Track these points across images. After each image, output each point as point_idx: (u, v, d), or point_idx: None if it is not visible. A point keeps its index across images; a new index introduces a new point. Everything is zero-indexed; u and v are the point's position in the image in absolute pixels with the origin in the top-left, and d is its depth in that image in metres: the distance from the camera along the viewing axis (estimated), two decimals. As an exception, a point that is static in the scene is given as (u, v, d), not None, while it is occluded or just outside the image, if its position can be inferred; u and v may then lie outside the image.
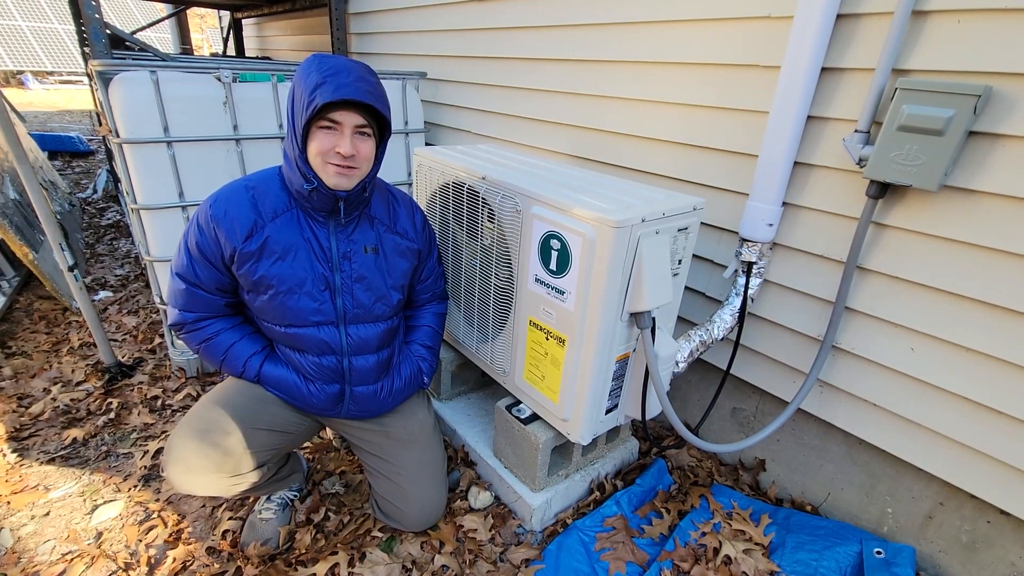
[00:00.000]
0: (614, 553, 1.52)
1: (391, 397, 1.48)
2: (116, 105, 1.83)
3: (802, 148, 1.45)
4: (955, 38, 1.17)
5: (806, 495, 1.75)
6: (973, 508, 1.41)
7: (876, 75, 1.26)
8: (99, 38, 2.19)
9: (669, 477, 1.82)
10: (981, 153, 1.18)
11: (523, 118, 2.34)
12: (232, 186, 1.27)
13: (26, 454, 1.86)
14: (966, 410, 1.32)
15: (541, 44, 2.16)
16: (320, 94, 1.08)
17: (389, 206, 1.39)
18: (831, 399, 1.58)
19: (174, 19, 4.77)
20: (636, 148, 1.90)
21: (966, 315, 1.28)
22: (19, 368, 2.31)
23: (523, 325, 1.51)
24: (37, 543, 1.54)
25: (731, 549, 1.51)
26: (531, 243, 1.39)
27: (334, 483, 1.76)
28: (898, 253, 1.36)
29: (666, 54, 1.73)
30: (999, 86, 1.13)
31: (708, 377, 1.96)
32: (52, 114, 9.08)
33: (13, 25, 12.06)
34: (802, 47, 1.34)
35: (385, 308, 1.38)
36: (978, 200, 1.21)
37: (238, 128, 2.05)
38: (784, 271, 1.59)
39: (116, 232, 3.98)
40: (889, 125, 1.22)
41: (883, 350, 1.43)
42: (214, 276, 1.27)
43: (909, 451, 1.46)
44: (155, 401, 2.14)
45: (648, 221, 1.25)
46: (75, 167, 5.79)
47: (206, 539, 1.56)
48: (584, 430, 1.47)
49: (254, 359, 1.37)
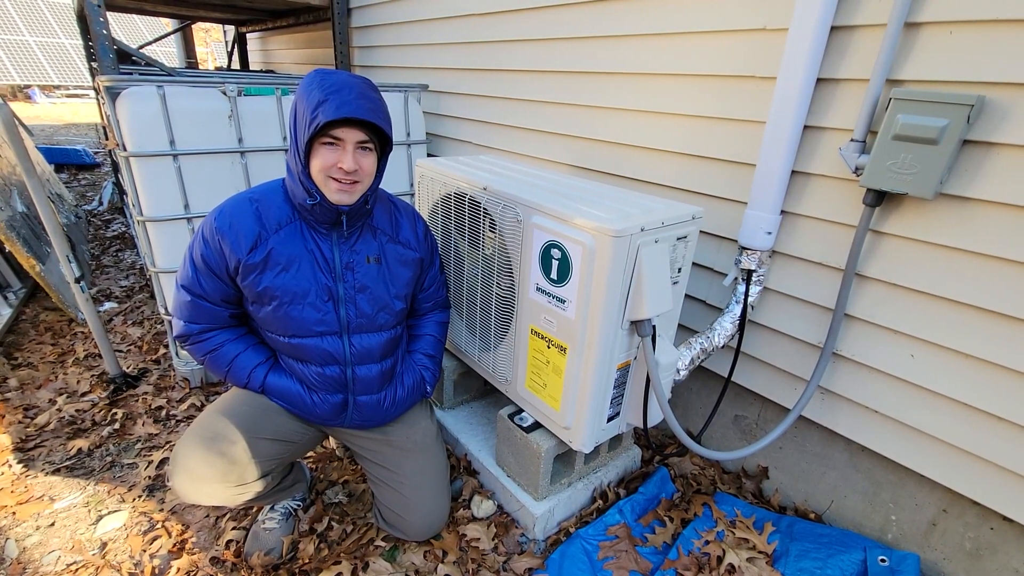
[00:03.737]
0: (617, 562, 1.52)
1: (394, 406, 1.49)
2: (123, 119, 1.86)
3: (799, 157, 1.47)
4: (948, 49, 1.19)
5: (809, 503, 1.75)
6: (976, 515, 1.41)
7: (871, 85, 1.28)
8: (107, 53, 2.23)
9: (672, 485, 1.82)
10: (976, 161, 1.19)
11: (524, 129, 2.36)
12: (236, 199, 1.29)
13: (32, 465, 1.87)
14: (967, 416, 1.33)
15: (541, 56, 2.19)
16: (323, 112, 1.09)
17: (391, 216, 1.41)
18: (832, 406, 1.58)
19: (179, 34, 4.85)
20: (635, 158, 1.92)
21: (964, 321, 1.29)
22: (25, 379, 2.33)
23: (524, 334, 1.53)
24: (42, 553, 1.54)
25: (735, 558, 1.51)
26: (532, 252, 1.41)
27: (337, 492, 1.77)
28: (896, 260, 1.37)
29: (664, 66, 1.75)
30: (992, 95, 1.15)
31: (709, 385, 1.96)
32: (59, 127, 9.19)
33: (21, 40, 12.24)
34: (797, 58, 1.36)
35: (388, 317, 1.39)
36: (974, 208, 1.22)
37: (243, 141, 2.08)
38: (784, 279, 1.60)
39: (121, 244, 4.01)
40: (884, 134, 1.24)
41: (883, 357, 1.44)
42: (219, 288, 1.29)
43: (911, 458, 1.46)
44: (159, 411, 2.15)
45: (647, 230, 1.27)
46: (81, 180, 5.85)
47: (210, 549, 1.56)
48: (586, 438, 1.48)
49: (259, 370, 1.38)
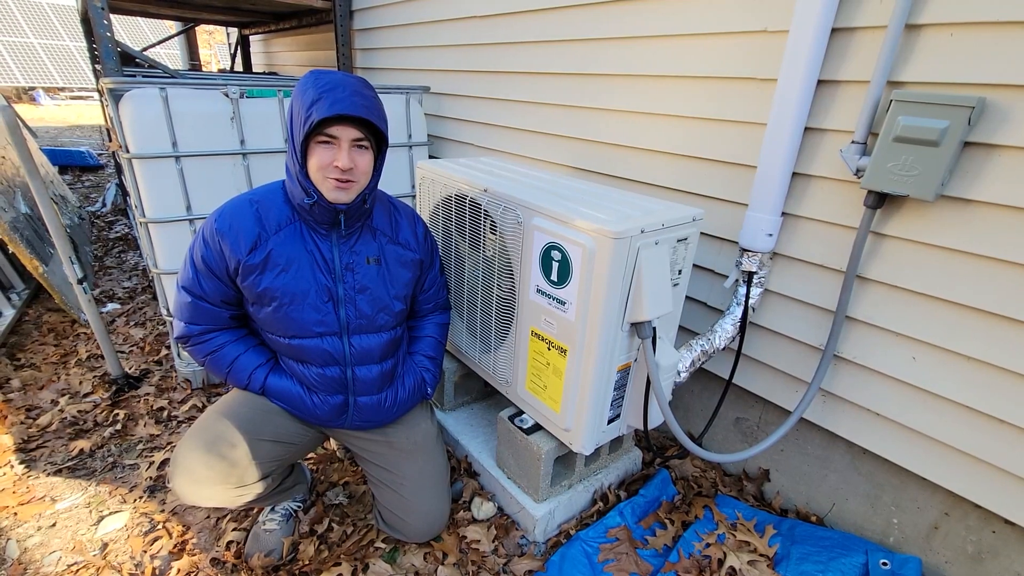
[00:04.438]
0: (618, 564, 1.51)
1: (395, 408, 1.49)
2: (126, 121, 1.87)
3: (800, 159, 1.47)
4: (948, 51, 1.19)
5: (811, 505, 1.74)
6: (978, 518, 1.40)
7: (871, 87, 1.27)
8: (110, 56, 2.24)
9: (673, 487, 1.81)
10: (977, 163, 1.19)
11: (524, 131, 2.36)
12: (236, 200, 1.30)
13: (33, 465, 1.87)
14: (969, 419, 1.32)
15: (542, 58, 2.19)
16: (316, 110, 1.10)
17: (391, 217, 1.42)
18: (834, 408, 1.58)
19: (183, 36, 4.87)
20: (636, 160, 1.92)
21: (966, 324, 1.28)
22: (28, 380, 2.34)
23: (525, 335, 1.53)
24: (43, 554, 1.55)
25: (736, 560, 1.50)
26: (532, 254, 1.41)
27: (337, 494, 1.77)
28: (897, 262, 1.37)
29: (665, 67, 1.75)
30: (993, 97, 1.14)
31: (710, 387, 1.96)
32: (63, 129, 9.23)
33: (25, 42, 12.30)
34: (798, 60, 1.36)
35: (388, 318, 1.39)
36: (975, 209, 1.22)
37: (245, 143, 2.09)
38: (784, 281, 1.60)
39: (124, 245, 4.03)
40: (885, 136, 1.24)
41: (885, 359, 1.43)
42: (219, 289, 1.30)
43: (913, 461, 1.45)
44: (161, 412, 2.15)
45: (647, 232, 1.27)
46: (85, 181, 5.87)
47: (210, 550, 1.56)
48: (586, 440, 1.48)
49: (259, 371, 1.39)
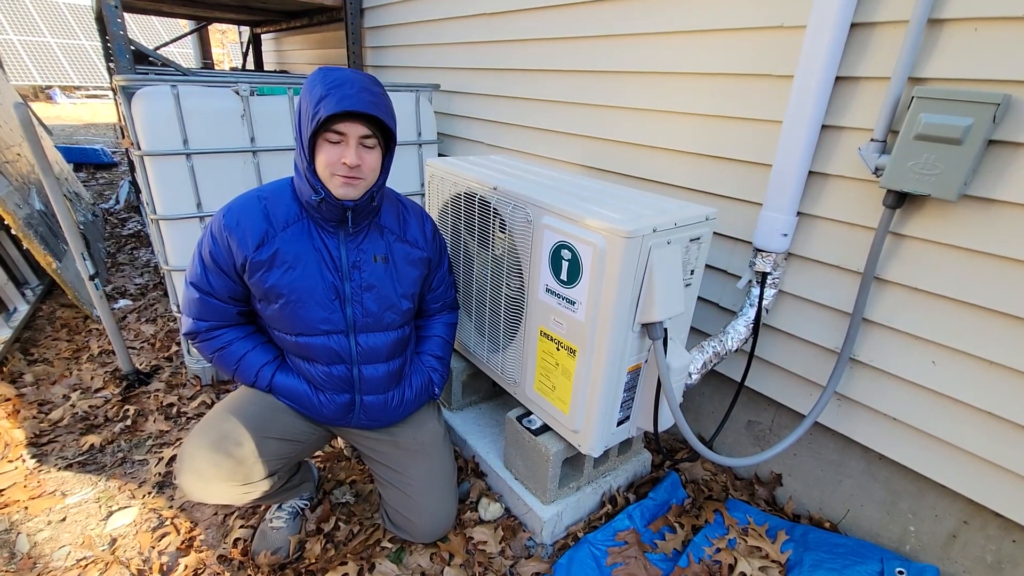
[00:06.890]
0: (626, 568, 1.49)
1: (402, 407, 1.48)
2: (138, 118, 1.88)
3: (817, 157, 1.44)
4: (972, 46, 1.15)
5: (824, 511, 1.71)
6: (998, 527, 1.37)
7: (892, 84, 1.24)
8: (123, 54, 2.26)
9: (683, 491, 1.79)
10: (1001, 162, 1.15)
11: (535, 129, 2.35)
12: (245, 197, 1.29)
13: (44, 460, 1.89)
14: (990, 425, 1.28)
15: (552, 56, 2.17)
16: (324, 107, 1.09)
17: (399, 215, 1.41)
18: (849, 413, 1.54)
19: (196, 35, 4.91)
20: (648, 158, 1.90)
21: (988, 327, 1.24)
22: (40, 375, 2.36)
23: (534, 335, 1.51)
24: (53, 549, 1.56)
25: (747, 566, 1.48)
26: (542, 253, 1.39)
27: (344, 492, 1.76)
28: (917, 264, 1.33)
29: (678, 64, 1.73)
30: (1019, 94, 1.11)
31: (722, 389, 1.93)
32: (78, 127, 9.36)
33: (42, 41, 12.48)
34: (816, 56, 1.33)
35: (395, 317, 1.38)
36: (999, 210, 1.18)
37: (255, 140, 2.09)
38: (799, 282, 1.57)
39: (137, 242, 4.07)
40: (906, 134, 1.21)
41: (903, 363, 1.40)
42: (227, 285, 1.29)
43: (931, 467, 1.41)
44: (171, 408, 2.16)
45: (659, 231, 1.24)
46: (99, 178, 5.95)
47: (217, 547, 1.57)
48: (595, 442, 1.46)
49: (266, 369, 1.38)
